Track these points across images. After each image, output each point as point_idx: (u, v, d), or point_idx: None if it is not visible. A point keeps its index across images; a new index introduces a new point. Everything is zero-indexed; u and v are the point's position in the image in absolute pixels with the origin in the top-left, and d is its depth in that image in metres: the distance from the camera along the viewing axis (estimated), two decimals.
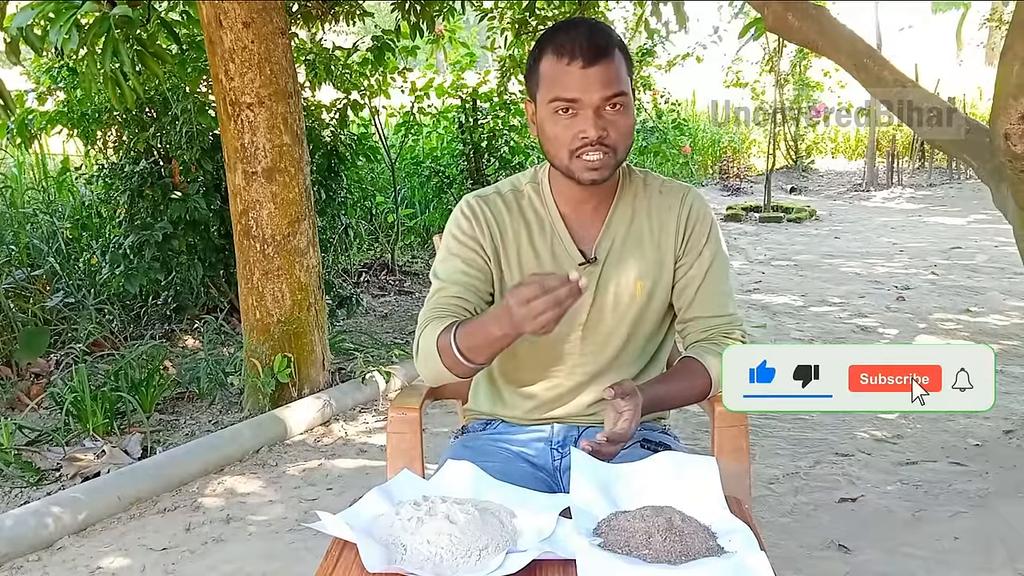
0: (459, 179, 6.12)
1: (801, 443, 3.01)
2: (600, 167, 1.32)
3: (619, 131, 1.31)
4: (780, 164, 10.69)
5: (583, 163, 1.31)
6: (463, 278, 1.39)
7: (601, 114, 1.30)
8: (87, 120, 4.32)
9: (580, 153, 1.31)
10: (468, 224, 1.42)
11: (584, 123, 1.29)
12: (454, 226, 1.44)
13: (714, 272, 1.45)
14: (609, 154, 1.31)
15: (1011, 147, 2.35)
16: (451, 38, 5.52)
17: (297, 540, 2.42)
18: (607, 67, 1.29)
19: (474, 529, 1.05)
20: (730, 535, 1.09)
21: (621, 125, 1.32)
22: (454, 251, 1.42)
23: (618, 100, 1.30)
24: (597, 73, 1.28)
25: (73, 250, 4.31)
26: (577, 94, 1.29)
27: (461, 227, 1.43)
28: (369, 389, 3.51)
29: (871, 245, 6.91)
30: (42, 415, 3.30)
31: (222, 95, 3.11)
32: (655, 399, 1.34)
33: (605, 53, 1.29)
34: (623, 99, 1.31)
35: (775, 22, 2.91)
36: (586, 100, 1.29)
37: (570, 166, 1.33)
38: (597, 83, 1.28)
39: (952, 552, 2.22)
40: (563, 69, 1.29)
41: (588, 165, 1.31)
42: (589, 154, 1.31)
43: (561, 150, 1.32)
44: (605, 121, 1.30)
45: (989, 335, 4.23)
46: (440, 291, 1.38)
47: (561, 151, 1.33)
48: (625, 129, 1.32)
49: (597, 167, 1.32)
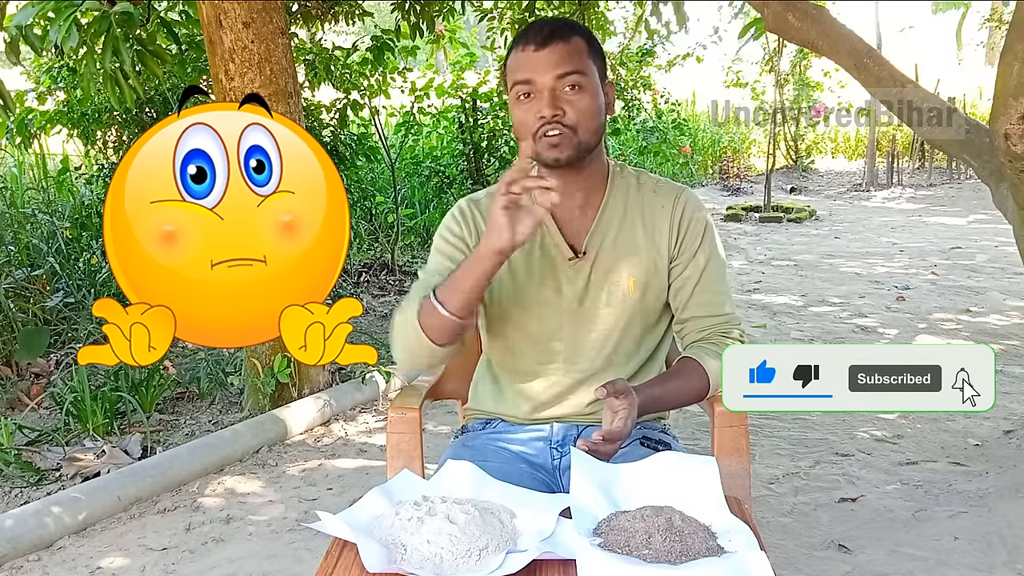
0: (459, 179, 6.12)
1: (801, 443, 3.01)
2: (559, 143, 1.34)
3: (577, 110, 1.33)
4: (780, 164, 10.70)
5: (544, 143, 1.34)
6: (446, 271, 1.40)
7: (557, 94, 1.32)
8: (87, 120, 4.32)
9: (540, 133, 1.34)
10: (457, 226, 1.47)
11: (539, 103, 1.33)
12: (444, 228, 1.49)
13: (710, 272, 1.45)
14: (569, 132, 1.33)
15: (1011, 147, 2.35)
16: (451, 38, 5.52)
17: (297, 540, 2.42)
18: (559, 48, 1.33)
19: (474, 529, 1.05)
20: (730, 535, 1.09)
21: (580, 105, 1.33)
22: (442, 249, 1.47)
23: (572, 80, 1.32)
24: (549, 54, 1.32)
25: (73, 250, 4.30)
26: (530, 75, 1.33)
27: (451, 229, 1.48)
28: (369, 389, 3.51)
29: (871, 245, 6.92)
30: (42, 415, 3.30)
31: (222, 95, 3.11)
32: (652, 399, 1.34)
33: (559, 36, 1.33)
34: (578, 78, 1.33)
35: (775, 22, 2.91)
36: (539, 81, 1.33)
37: (536, 148, 1.35)
38: (549, 63, 1.32)
39: (952, 552, 2.22)
40: (520, 56, 1.35)
41: (548, 142, 1.34)
42: (548, 133, 1.33)
43: (525, 133, 1.35)
44: (561, 100, 1.33)
45: (989, 335, 4.23)
46: (422, 283, 1.42)
47: (526, 134, 1.36)
48: (584, 109, 1.34)
49: (556, 143, 1.34)
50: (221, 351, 3.70)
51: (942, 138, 2.89)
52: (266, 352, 3.26)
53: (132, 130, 4.22)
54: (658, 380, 1.42)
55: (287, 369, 3.25)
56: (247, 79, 3.06)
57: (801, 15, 2.84)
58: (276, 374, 3.23)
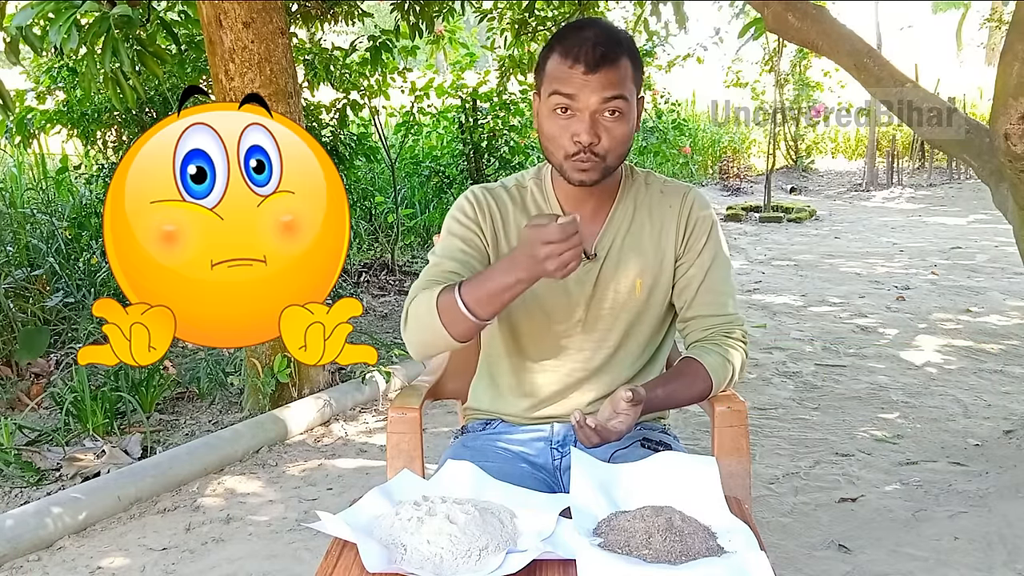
0: (459, 179, 6.12)
1: (801, 443, 3.01)
2: (588, 170, 1.33)
3: (613, 138, 1.32)
4: (780, 164, 10.70)
5: (573, 165, 1.34)
6: (460, 255, 1.41)
7: (597, 119, 1.31)
8: (87, 120, 4.32)
9: (571, 157, 1.33)
10: (472, 208, 1.45)
11: (579, 125, 1.31)
12: (457, 210, 1.46)
13: (715, 271, 1.45)
14: (599, 160, 1.33)
15: (1011, 147, 2.35)
16: (451, 39, 5.52)
17: (297, 540, 2.42)
18: (608, 74, 1.29)
19: (474, 529, 1.05)
20: (730, 535, 1.09)
21: (616, 132, 1.32)
22: (454, 232, 1.45)
23: (615, 106, 1.30)
24: (598, 79, 1.29)
25: (73, 250, 4.30)
26: (575, 92, 1.30)
27: (464, 211, 1.45)
28: (369, 389, 3.51)
29: (871, 245, 6.92)
30: (42, 415, 3.30)
31: (222, 95, 3.11)
32: (655, 400, 1.34)
33: (609, 60, 1.29)
34: (621, 104, 1.31)
35: (775, 22, 2.91)
36: (583, 103, 1.30)
37: (563, 165, 1.35)
38: (597, 88, 1.29)
39: (952, 552, 2.22)
40: (566, 71, 1.31)
41: (577, 167, 1.33)
42: (579, 159, 1.32)
43: (557, 150, 1.34)
44: (600, 127, 1.31)
45: (989, 335, 4.23)
46: (436, 266, 1.40)
47: (557, 151, 1.35)
48: (620, 136, 1.33)
49: (586, 170, 1.33)
50: (221, 351, 3.70)
51: (942, 138, 2.89)
52: (266, 352, 3.26)
53: (132, 130, 4.22)
54: (661, 381, 1.42)
55: (287, 369, 3.25)
56: (247, 79, 3.06)
57: (801, 15, 2.84)
58: (276, 374, 3.23)
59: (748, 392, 3.44)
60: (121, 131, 4.42)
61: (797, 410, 3.33)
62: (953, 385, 3.54)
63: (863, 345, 4.12)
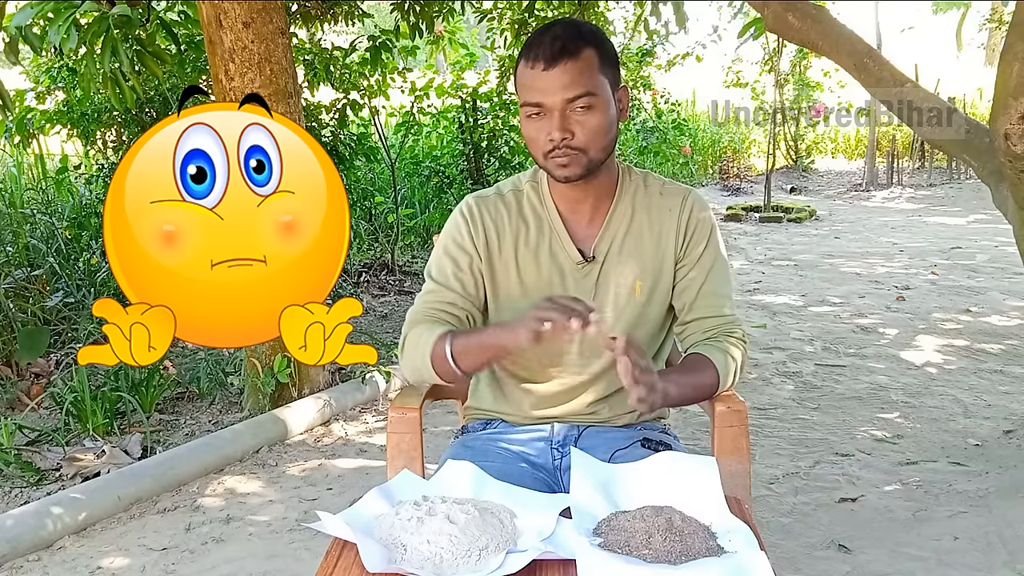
0: (459, 179, 6.12)
1: (801, 443, 3.01)
2: (569, 164, 1.33)
3: (588, 130, 1.31)
4: (780, 164, 10.70)
5: (553, 162, 1.34)
6: (455, 284, 1.44)
7: (566, 115, 1.31)
8: (87, 120, 4.32)
9: (550, 155, 1.33)
10: (466, 226, 1.46)
11: (549, 124, 1.31)
12: (452, 227, 1.47)
13: (715, 274, 1.45)
14: (578, 154, 1.33)
15: (1011, 147, 2.34)
16: (451, 39, 5.52)
17: (297, 540, 2.42)
18: (568, 68, 1.29)
19: (474, 529, 1.05)
20: (730, 535, 1.09)
21: (589, 125, 1.31)
22: (450, 253, 1.46)
23: (582, 101, 1.30)
24: (558, 75, 1.29)
25: (73, 250, 4.30)
26: (540, 97, 1.30)
27: (459, 229, 1.46)
28: (369, 389, 3.51)
29: (871, 245, 6.91)
30: (42, 415, 3.30)
31: (222, 95, 3.11)
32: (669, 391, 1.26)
33: (568, 53, 1.29)
34: (588, 99, 1.30)
35: (775, 22, 2.91)
36: (548, 103, 1.30)
37: (546, 165, 1.36)
38: (558, 85, 1.29)
39: (952, 552, 2.22)
40: (529, 73, 1.31)
41: (558, 163, 1.34)
42: (557, 155, 1.33)
43: (537, 151, 1.36)
44: (571, 122, 1.31)
45: (989, 335, 4.23)
46: (432, 293, 1.44)
47: (536, 152, 1.36)
48: (595, 128, 1.32)
49: (566, 164, 1.33)
50: (221, 351, 3.70)
51: (942, 138, 2.88)
52: (266, 352, 3.26)
53: (132, 130, 4.22)
54: (672, 372, 1.41)
55: (287, 369, 3.25)
56: (247, 79, 3.06)
57: (801, 15, 2.84)
58: (276, 374, 3.23)
59: (748, 392, 3.44)
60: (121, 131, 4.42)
61: (797, 410, 3.33)
62: (953, 385, 3.54)
63: (863, 345, 4.12)
